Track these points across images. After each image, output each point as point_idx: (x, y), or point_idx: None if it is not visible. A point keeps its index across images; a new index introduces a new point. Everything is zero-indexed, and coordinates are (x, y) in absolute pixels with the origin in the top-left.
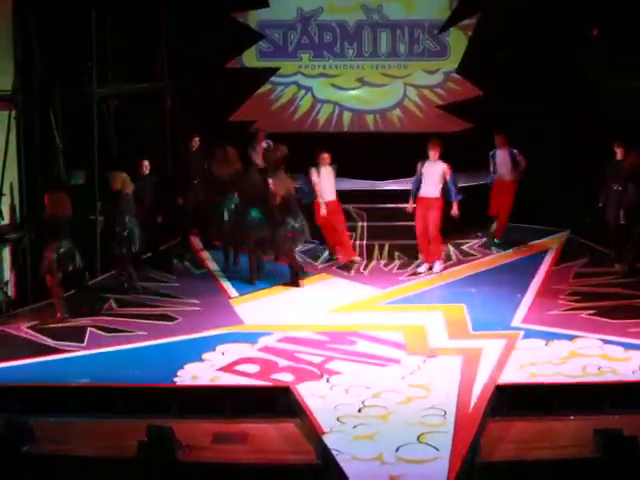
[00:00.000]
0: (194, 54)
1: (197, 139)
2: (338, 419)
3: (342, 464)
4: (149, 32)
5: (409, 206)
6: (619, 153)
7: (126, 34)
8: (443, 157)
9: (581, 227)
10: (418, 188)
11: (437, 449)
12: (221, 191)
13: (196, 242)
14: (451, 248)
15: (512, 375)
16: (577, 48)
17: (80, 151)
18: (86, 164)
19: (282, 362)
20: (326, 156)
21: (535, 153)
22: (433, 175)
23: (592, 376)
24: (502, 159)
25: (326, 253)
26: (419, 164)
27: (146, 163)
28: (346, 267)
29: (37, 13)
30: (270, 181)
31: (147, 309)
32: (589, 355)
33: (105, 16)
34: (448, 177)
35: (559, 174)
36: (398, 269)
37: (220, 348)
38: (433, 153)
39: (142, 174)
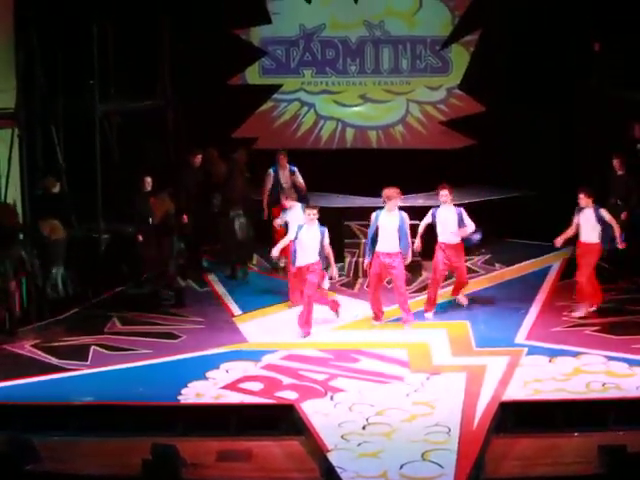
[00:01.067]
0: (197, 71)
1: (199, 156)
2: (342, 437)
3: None
4: (152, 49)
5: (366, 263)
6: (618, 167)
7: (128, 50)
8: (446, 174)
9: None
10: (375, 243)
11: (441, 466)
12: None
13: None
14: None
15: (516, 392)
16: (578, 57)
17: (83, 167)
18: (88, 179)
19: (286, 380)
20: (282, 157)
21: (534, 159)
22: (391, 228)
23: (596, 392)
24: (446, 218)
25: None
26: (373, 216)
27: (148, 180)
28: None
29: (39, 30)
30: (152, 200)
31: (151, 327)
32: (593, 372)
33: (107, 32)
34: (405, 226)
35: (559, 181)
36: None
37: (224, 366)
38: (392, 203)
39: (145, 191)
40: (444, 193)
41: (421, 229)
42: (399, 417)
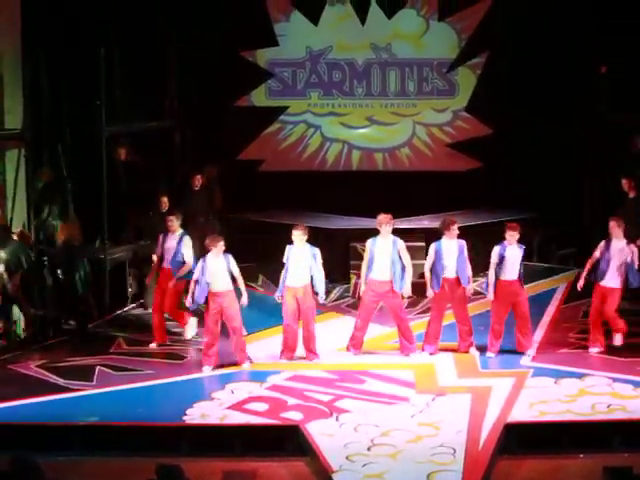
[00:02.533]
0: (203, 93)
1: (199, 177)
2: (347, 458)
3: None
4: (159, 71)
5: (362, 289)
6: (628, 189)
7: (136, 72)
8: (452, 197)
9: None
10: (370, 270)
11: None
12: None
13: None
14: None
15: (521, 413)
16: (586, 80)
17: (89, 188)
18: (94, 200)
19: (291, 401)
20: (171, 220)
21: (541, 181)
22: (385, 255)
23: (601, 414)
24: (449, 251)
25: (335, 291)
26: (369, 243)
27: (165, 200)
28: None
29: (46, 52)
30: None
31: (156, 348)
32: (598, 393)
33: (114, 53)
34: (403, 255)
35: (564, 203)
36: (406, 308)
37: (229, 387)
38: (386, 228)
39: (162, 211)
40: (444, 227)
41: (427, 270)
42: (404, 438)
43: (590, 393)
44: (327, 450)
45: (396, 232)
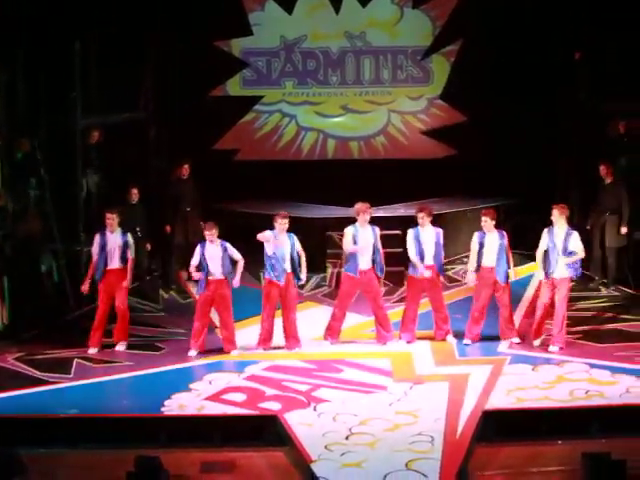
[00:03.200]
0: (178, 83)
1: (187, 167)
2: (326, 447)
3: None
4: (134, 62)
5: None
6: (605, 174)
7: (111, 63)
8: (427, 184)
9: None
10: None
11: (425, 475)
12: None
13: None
14: None
15: (499, 400)
16: (560, 66)
17: (65, 181)
18: (71, 194)
19: (269, 391)
20: (109, 217)
21: (516, 167)
22: (367, 244)
23: (579, 400)
24: (426, 240)
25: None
26: (352, 231)
27: (135, 191)
28: None
29: (21, 45)
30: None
31: (133, 339)
32: (576, 379)
33: (89, 47)
34: (378, 244)
35: (541, 188)
36: (383, 296)
37: (207, 377)
38: (364, 217)
39: (131, 202)
40: (420, 215)
41: (413, 255)
42: (382, 427)
43: (568, 380)
44: (305, 440)
45: (370, 221)
